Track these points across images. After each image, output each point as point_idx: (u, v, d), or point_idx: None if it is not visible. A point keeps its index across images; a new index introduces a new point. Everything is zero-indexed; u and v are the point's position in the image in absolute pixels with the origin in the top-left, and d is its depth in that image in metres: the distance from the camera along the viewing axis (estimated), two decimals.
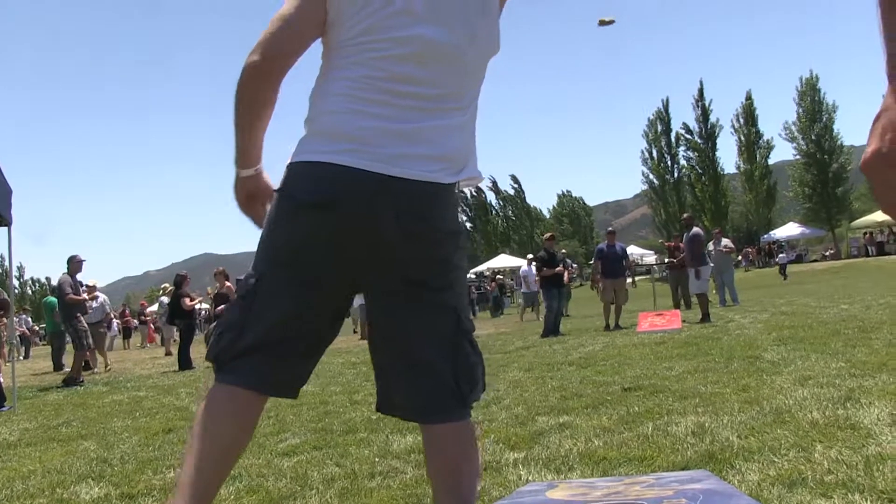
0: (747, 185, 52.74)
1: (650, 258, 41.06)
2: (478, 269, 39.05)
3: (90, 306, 11.03)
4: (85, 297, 10.18)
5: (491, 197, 68.61)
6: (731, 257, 15.09)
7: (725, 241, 14.74)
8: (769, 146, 52.13)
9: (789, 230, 43.96)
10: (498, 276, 31.46)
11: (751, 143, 52.06)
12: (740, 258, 38.05)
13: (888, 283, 14.60)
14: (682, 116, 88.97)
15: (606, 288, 11.63)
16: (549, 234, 13.12)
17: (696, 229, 11.69)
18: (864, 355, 4.87)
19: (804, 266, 34.68)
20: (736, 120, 53.14)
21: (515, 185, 70.09)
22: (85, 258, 10.15)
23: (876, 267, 25.83)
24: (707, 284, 11.39)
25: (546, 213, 76.89)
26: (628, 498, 2.07)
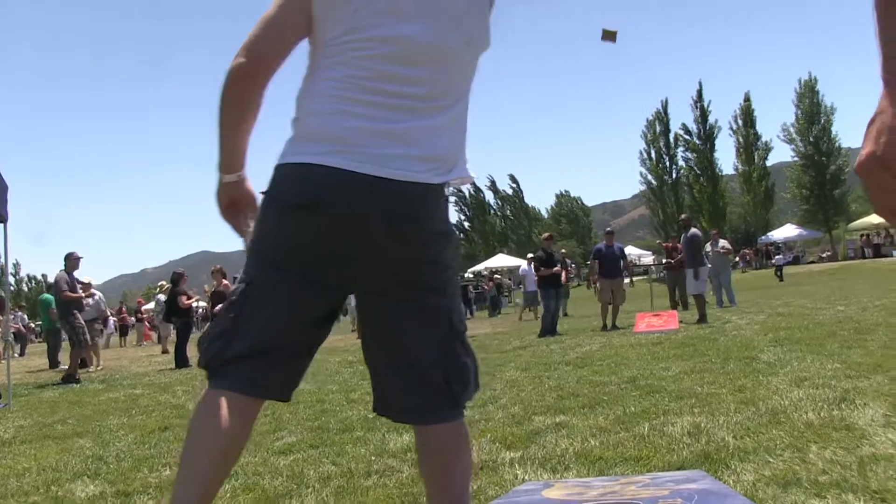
0: (745, 187, 52.81)
1: (648, 259, 41.10)
2: (475, 268, 39.00)
3: (87, 303, 11.02)
4: (81, 295, 10.17)
5: (489, 196, 68.65)
6: (728, 258, 15.11)
7: (723, 242, 14.76)
8: (767, 148, 52.24)
9: (787, 232, 43.99)
10: (496, 276, 31.44)
11: (749, 144, 52.14)
12: (738, 259, 38.06)
13: (884, 284, 14.63)
14: (680, 117, 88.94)
15: (604, 288, 11.64)
16: (548, 234, 13.12)
17: (694, 230, 11.70)
18: (860, 357, 4.88)
19: (801, 267, 34.72)
20: (734, 121, 53.27)
21: (514, 185, 70.16)
22: (82, 255, 10.16)
23: (872, 269, 25.87)
24: (705, 285, 11.40)
25: (544, 213, 76.98)
26: (624, 497, 2.07)
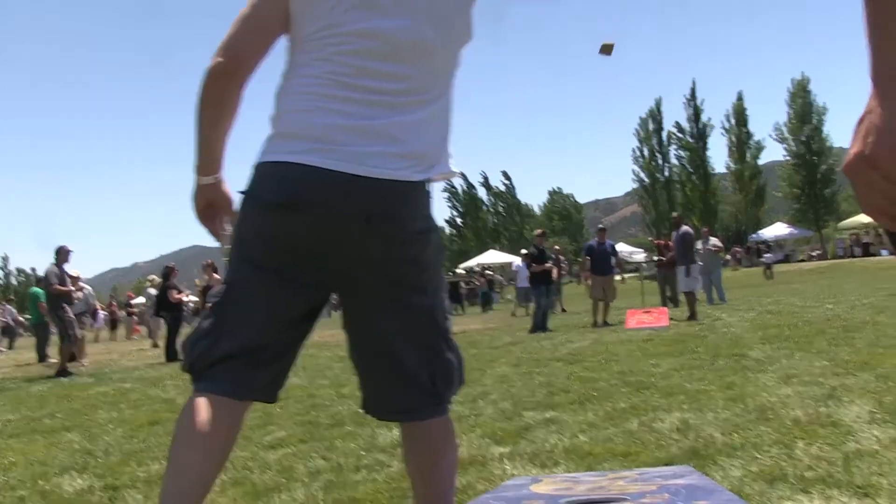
0: (737, 185, 53.04)
1: (639, 256, 41.18)
2: (467, 264, 39.03)
3: (77, 297, 10.95)
4: (71, 289, 10.10)
5: (482, 192, 68.64)
6: (719, 256, 15.18)
7: (713, 240, 14.82)
8: (759, 147, 52.47)
9: (777, 230, 44.21)
10: (487, 272, 31.49)
11: (741, 143, 52.35)
12: (728, 257, 38.22)
13: (872, 283, 14.73)
14: (674, 116, 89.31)
15: (595, 285, 11.68)
16: (540, 230, 13.16)
17: (685, 228, 11.75)
18: (847, 354, 4.92)
19: (791, 266, 34.92)
20: (727, 120, 53.46)
21: (506, 182, 70.12)
22: (73, 249, 10.09)
23: (861, 268, 26.03)
24: (696, 282, 11.45)
25: (537, 210, 77.03)
26: (612, 492, 2.08)
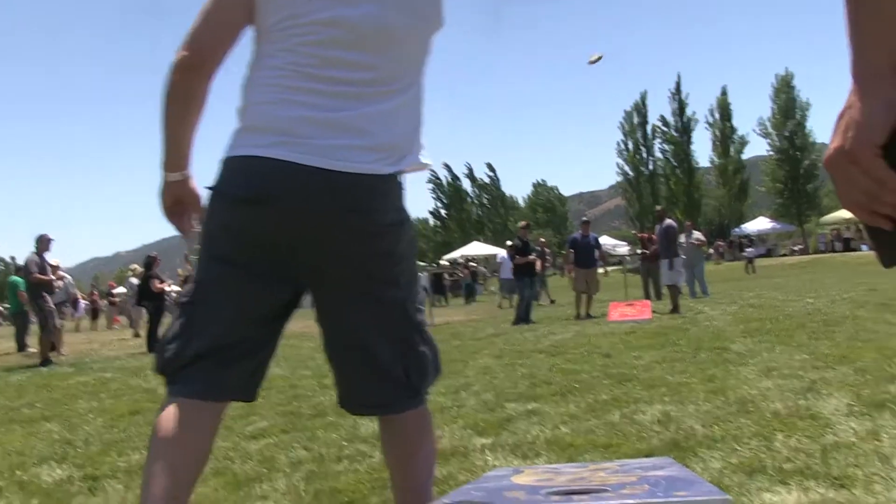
0: (720, 179, 53.48)
1: (623, 249, 41.41)
2: (451, 255, 39.03)
3: (57, 286, 10.83)
4: (52, 278, 9.98)
5: (466, 184, 68.61)
6: (702, 250, 15.30)
7: (696, 234, 14.91)
8: (743, 141, 52.91)
9: (760, 224, 44.66)
10: (471, 264, 31.52)
11: (725, 137, 52.76)
12: (711, 251, 38.55)
13: (853, 278, 14.91)
14: (658, 109, 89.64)
15: (578, 277, 11.73)
16: (524, 222, 13.19)
17: (669, 221, 11.82)
18: (827, 348, 4.98)
19: (774, 260, 35.28)
20: (711, 115, 53.81)
21: (491, 174, 70.14)
22: (54, 237, 9.96)
23: (842, 262, 26.37)
24: (679, 276, 11.52)
25: (521, 202, 77.14)
26: (592, 483, 2.09)
